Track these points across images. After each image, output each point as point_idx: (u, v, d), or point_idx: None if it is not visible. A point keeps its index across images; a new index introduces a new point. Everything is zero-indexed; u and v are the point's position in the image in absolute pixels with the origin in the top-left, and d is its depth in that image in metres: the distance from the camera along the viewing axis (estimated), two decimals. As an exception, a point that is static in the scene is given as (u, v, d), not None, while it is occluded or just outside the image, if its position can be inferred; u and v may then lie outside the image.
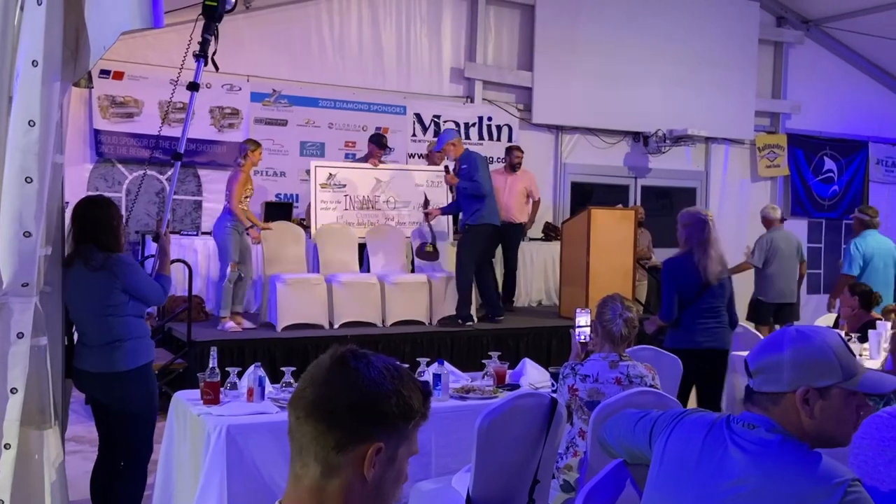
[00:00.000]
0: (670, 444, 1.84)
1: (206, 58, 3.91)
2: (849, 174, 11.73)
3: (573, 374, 3.32)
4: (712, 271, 4.34)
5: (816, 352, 1.70)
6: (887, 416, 2.11)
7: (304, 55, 8.68)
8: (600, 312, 3.43)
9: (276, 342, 6.41)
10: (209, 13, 3.79)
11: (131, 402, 3.54)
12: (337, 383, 1.25)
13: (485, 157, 7.54)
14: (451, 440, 3.64)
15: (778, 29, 11.21)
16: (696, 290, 4.36)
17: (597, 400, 3.18)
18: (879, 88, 11.93)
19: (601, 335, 3.40)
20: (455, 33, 9.42)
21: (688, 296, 4.39)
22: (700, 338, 4.40)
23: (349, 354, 1.28)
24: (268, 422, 3.37)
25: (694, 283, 4.37)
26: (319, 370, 1.27)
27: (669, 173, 10.55)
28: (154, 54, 7.75)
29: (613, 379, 3.27)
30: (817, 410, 1.68)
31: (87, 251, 3.45)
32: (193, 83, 3.99)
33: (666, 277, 4.57)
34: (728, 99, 10.52)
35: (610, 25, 9.83)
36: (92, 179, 7.88)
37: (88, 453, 4.91)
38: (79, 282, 3.43)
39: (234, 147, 8.32)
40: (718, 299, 4.42)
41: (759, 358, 1.76)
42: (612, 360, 3.32)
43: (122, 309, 3.50)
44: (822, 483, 1.59)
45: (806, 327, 1.81)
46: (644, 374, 3.32)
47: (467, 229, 7.21)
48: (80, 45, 2.90)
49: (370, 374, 1.25)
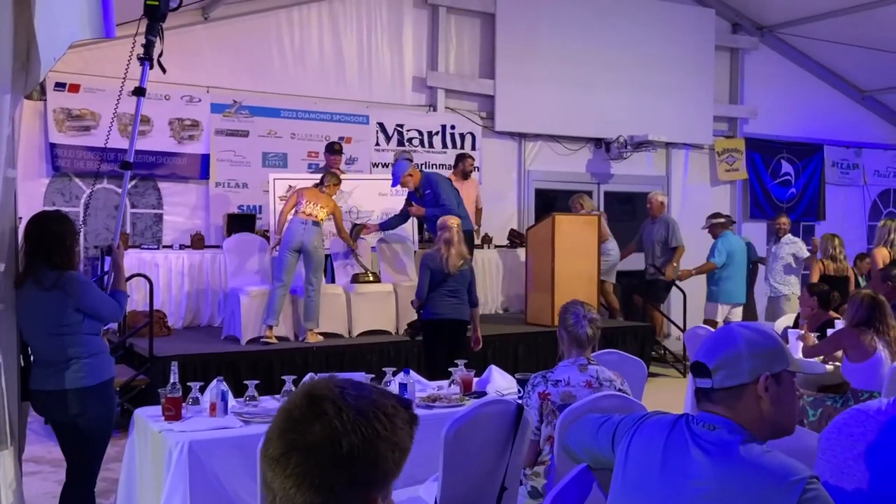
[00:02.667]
0: (633, 448, 1.85)
1: (152, 60, 3.76)
2: (805, 177, 11.97)
3: (545, 381, 3.35)
4: (453, 264, 5.54)
5: (767, 339, 1.79)
6: (855, 413, 2.14)
7: (264, 65, 8.62)
8: (563, 319, 3.48)
9: (240, 356, 6.34)
10: (151, 13, 3.66)
11: (89, 420, 3.42)
12: (329, 454, 1.11)
13: (441, 175, 7.55)
14: (418, 450, 3.55)
15: (733, 35, 11.41)
16: (442, 277, 5.54)
17: (569, 403, 3.22)
18: (832, 92, 12.20)
19: (568, 341, 3.46)
20: (416, 42, 9.43)
21: (436, 280, 5.56)
22: (444, 311, 5.60)
23: (330, 407, 1.13)
24: (231, 436, 3.32)
25: (440, 272, 5.55)
26: (300, 429, 1.13)
27: (631, 179, 10.67)
28: (111, 66, 7.61)
29: (584, 382, 3.32)
30: (775, 397, 1.75)
31: (39, 270, 3.33)
32: (140, 88, 3.83)
33: (421, 267, 5.76)
34: (687, 105, 10.67)
35: (569, 33, 9.92)
36: (48, 194, 7.73)
37: (48, 474, 4.81)
38: (31, 302, 3.33)
39: (195, 159, 8.26)
40: (460, 284, 5.61)
41: (717, 355, 1.79)
42: (581, 364, 3.38)
43: (77, 328, 3.39)
44: (781, 481, 1.61)
45: (744, 322, 1.87)
46: (613, 378, 3.37)
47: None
48: (30, 57, 2.84)
49: (364, 433, 1.12)
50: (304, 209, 6.62)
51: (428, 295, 5.58)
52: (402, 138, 9.26)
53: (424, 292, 5.59)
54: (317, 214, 6.65)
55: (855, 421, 2.10)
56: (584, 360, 3.40)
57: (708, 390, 1.79)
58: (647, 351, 8.21)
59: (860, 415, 2.11)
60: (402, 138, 9.26)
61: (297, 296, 6.91)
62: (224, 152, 8.40)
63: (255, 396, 3.74)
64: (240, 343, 6.64)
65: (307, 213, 6.61)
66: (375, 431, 1.14)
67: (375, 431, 1.14)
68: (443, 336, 5.61)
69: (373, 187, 8.05)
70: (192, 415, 3.55)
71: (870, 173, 12.56)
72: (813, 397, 4.96)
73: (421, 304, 5.67)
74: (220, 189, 8.37)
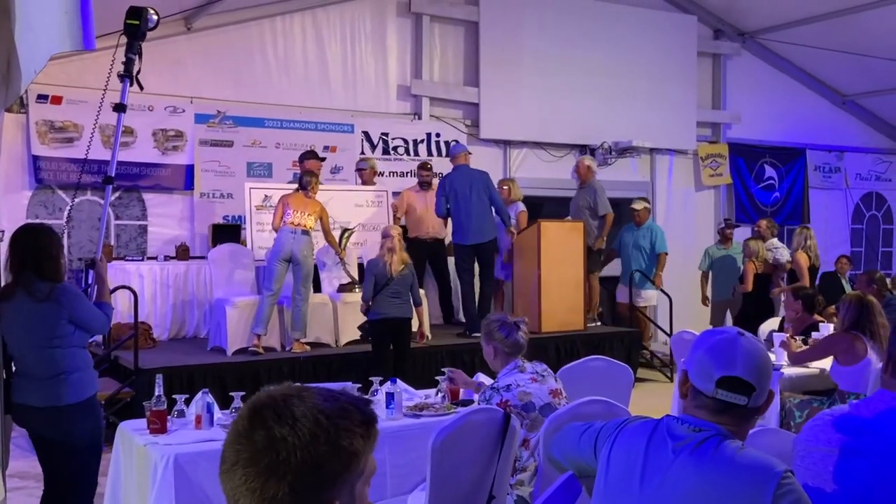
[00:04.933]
0: (614, 455, 1.86)
1: (131, 78, 3.82)
2: (789, 181, 12.05)
3: (496, 391, 3.41)
4: (395, 268, 6.06)
5: (767, 355, 1.85)
6: (830, 417, 2.15)
7: (248, 75, 8.60)
8: (490, 334, 3.58)
9: (226, 367, 6.30)
10: (131, 32, 3.74)
11: (78, 436, 3.43)
12: (268, 462, 1.12)
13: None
14: (406, 459, 3.61)
15: (715, 42, 11.49)
16: (385, 281, 6.06)
17: (529, 401, 3.34)
18: (814, 97, 12.31)
19: (502, 353, 3.56)
20: (400, 51, 9.44)
21: (379, 284, 6.07)
22: (389, 310, 6.12)
23: (270, 415, 1.14)
24: (217, 449, 3.26)
25: (383, 276, 6.07)
26: (242, 440, 1.15)
27: (616, 185, 10.68)
28: (93, 78, 7.56)
29: (529, 379, 3.44)
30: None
31: (30, 282, 3.35)
32: (120, 104, 3.90)
33: (366, 273, 6.26)
34: (670, 111, 10.74)
35: (553, 41, 9.97)
36: (31, 207, 7.67)
37: (33, 489, 4.75)
38: (21, 313, 3.33)
39: (179, 170, 8.22)
40: (402, 286, 6.13)
41: (761, 373, 1.79)
42: (519, 366, 3.50)
43: (68, 340, 3.40)
44: (756, 477, 1.62)
45: (742, 336, 1.86)
46: (545, 367, 3.55)
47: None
48: (10, 70, 2.82)
49: (301, 438, 1.12)
50: (293, 219, 6.59)
51: (373, 297, 6.11)
52: (387, 147, 9.27)
53: (370, 295, 6.15)
54: (305, 223, 6.62)
55: (827, 424, 2.11)
56: (520, 362, 3.53)
57: (732, 405, 1.77)
58: (634, 356, 8.23)
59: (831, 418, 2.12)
60: (387, 147, 9.27)
61: (283, 306, 6.88)
62: (208, 162, 8.37)
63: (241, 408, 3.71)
64: (226, 354, 6.60)
65: (295, 222, 6.58)
66: (315, 436, 1.13)
67: (315, 436, 1.13)
68: (388, 332, 6.21)
69: (349, 198, 8.01)
70: (178, 428, 3.52)
71: (852, 176, 12.66)
72: (799, 399, 4.98)
73: (368, 307, 6.18)
74: (204, 199, 8.34)
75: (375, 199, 8.13)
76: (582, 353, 7.26)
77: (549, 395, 3.41)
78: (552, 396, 3.41)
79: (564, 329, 7.94)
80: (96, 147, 7.42)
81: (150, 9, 3.89)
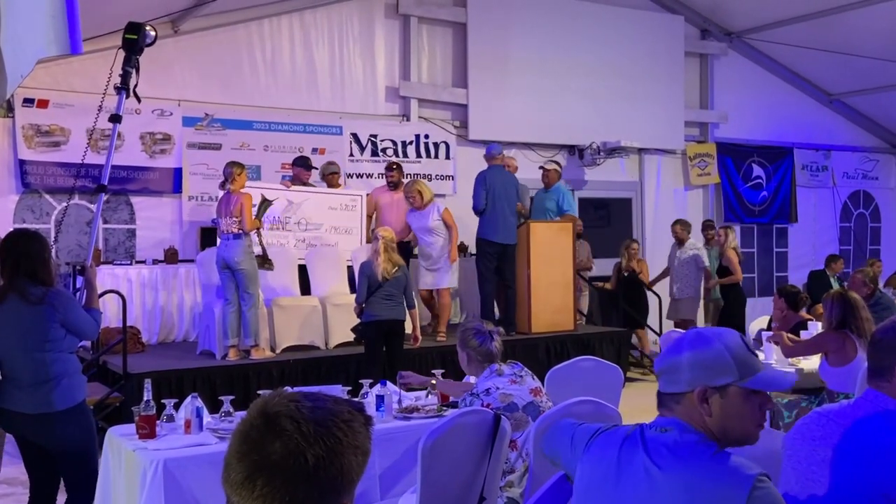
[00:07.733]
0: (587, 464, 1.86)
1: (128, 90, 3.88)
2: (776, 180, 12.11)
3: (476, 397, 3.41)
4: (386, 270, 6.06)
5: (712, 352, 1.75)
6: (816, 416, 2.15)
7: (235, 78, 8.58)
8: (465, 341, 3.61)
9: (215, 370, 6.28)
10: (129, 46, 3.79)
11: (70, 442, 3.43)
12: (294, 468, 1.09)
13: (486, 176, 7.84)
14: (396, 461, 3.61)
15: (702, 41, 11.55)
16: (378, 283, 6.06)
17: (511, 401, 3.35)
18: (800, 96, 12.38)
19: (476, 360, 3.60)
20: (388, 52, 9.44)
21: (372, 286, 6.08)
22: (382, 312, 6.12)
23: (287, 422, 1.11)
24: (207, 453, 3.28)
25: (375, 278, 6.08)
26: (260, 450, 1.11)
27: (605, 185, 10.74)
28: (80, 81, 7.57)
29: (508, 381, 3.46)
30: (716, 409, 1.73)
31: (23, 285, 3.36)
32: (115, 115, 3.95)
33: (359, 275, 6.27)
34: (658, 110, 10.77)
35: (541, 42, 9.99)
36: (18, 211, 7.62)
37: (21, 496, 4.72)
38: (13, 317, 3.33)
39: (167, 173, 8.18)
40: (395, 288, 6.11)
41: (662, 361, 1.83)
42: (496, 370, 3.52)
43: (59, 344, 3.41)
44: (730, 480, 1.62)
45: (706, 329, 1.86)
46: (522, 367, 3.57)
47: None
48: (-5, 74, 2.81)
49: (325, 441, 1.10)
50: (222, 226, 6.40)
51: (367, 299, 6.11)
52: (375, 148, 9.26)
53: (363, 297, 6.15)
54: (230, 228, 6.34)
55: (816, 424, 2.12)
56: (496, 366, 3.55)
57: (658, 393, 1.83)
58: (624, 356, 8.26)
59: (820, 418, 2.12)
60: (375, 148, 9.26)
61: (270, 308, 6.87)
62: (196, 165, 8.34)
63: (231, 412, 3.71)
64: (215, 358, 6.58)
65: (224, 230, 6.38)
66: (337, 439, 1.12)
67: (337, 439, 1.12)
68: (381, 334, 6.21)
69: (323, 201, 7.91)
70: (167, 432, 3.51)
71: (839, 175, 12.74)
72: (788, 399, 5.01)
73: (361, 308, 6.19)
74: (193, 203, 8.31)
75: (350, 203, 8.06)
76: (572, 353, 7.29)
77: (531, 394, 3.44)
78: (534, 395, 3.44)
79: (554, 329, 7.95)
80: (82, 151, 7.38)
81: (148, 25, 3.95)
